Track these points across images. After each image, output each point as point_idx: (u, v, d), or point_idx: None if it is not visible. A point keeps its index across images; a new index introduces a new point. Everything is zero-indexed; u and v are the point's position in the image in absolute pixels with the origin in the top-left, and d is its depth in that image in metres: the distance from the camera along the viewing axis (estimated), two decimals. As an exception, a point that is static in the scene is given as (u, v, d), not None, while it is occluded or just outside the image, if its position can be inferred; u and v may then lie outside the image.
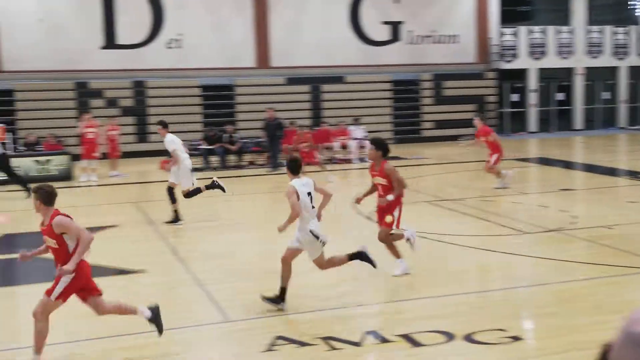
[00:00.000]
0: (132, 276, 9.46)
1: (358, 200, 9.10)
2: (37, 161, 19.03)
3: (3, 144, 16.90)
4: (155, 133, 24.52)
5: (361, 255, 8.00)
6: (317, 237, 7.65)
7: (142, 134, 24.88)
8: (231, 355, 6.65)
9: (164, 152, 21.74)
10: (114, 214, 13.99)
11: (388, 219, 8.72)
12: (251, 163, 21.26)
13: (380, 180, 8.69)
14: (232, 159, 21.51)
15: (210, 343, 7.01)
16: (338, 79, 27.12)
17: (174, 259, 10.15)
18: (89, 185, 18.44)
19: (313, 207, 7.75)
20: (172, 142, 12.72)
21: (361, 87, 27.15)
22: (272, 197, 16.30)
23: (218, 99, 26.07)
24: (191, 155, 21.42)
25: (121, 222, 12.97)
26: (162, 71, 25.25)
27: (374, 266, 8.05)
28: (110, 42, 24.97)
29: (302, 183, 7.75)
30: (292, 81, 26.65)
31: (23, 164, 18.81)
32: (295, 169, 7.83)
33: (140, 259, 10.17)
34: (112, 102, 24.65)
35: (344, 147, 22.16)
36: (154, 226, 12.49)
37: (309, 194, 7.72)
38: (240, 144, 21.50)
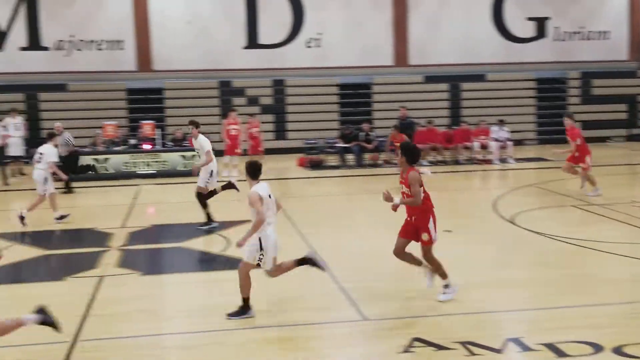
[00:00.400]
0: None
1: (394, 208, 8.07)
2: (183, 156, 19.89)
3: (67, 142, 17.97)
4: (294, 130, 25.14)
5: (307, 261, 7.86)
6: (261, 248, 7.41)
7: (280, 132, 25.41)
8: (369, 354, 6.58)
9: (302, 149, 22.25)
10: (253, 209, 14.31)
11: (425, 237, 7.82)
12: (387, 162, 21.11)
13: (405, 189, 7.80)
14: (368, 157, 21.48)
15: (347, 341, 6.97)
16: (479, 77, 26.42)
17: (312, 255, 10.21)
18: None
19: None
20: (207, 142, 12.56)
21: (503, 86, 26.31)
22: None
23: (355, 98, 26.15)
24: (327, 153, 21.85)
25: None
26: (301, 70, 25.68)
27: (323, 269, 7.96)
28: (252, 42, 25.71)
29: (264, 188, 7.52)
30: (431, 79, 26.26)
31: (170, 159, 19.74)
32: (255, 173, 7.56)
33: (277, 253, 10.31)
34: (252, 101, 25.36)
35: (484, 147, 21.54)
36: (292, 222, 12.66)
37: (270, 196, 7.52)
38: (377, 142, 21.41)
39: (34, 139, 23.56)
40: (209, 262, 10.33)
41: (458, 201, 15.34)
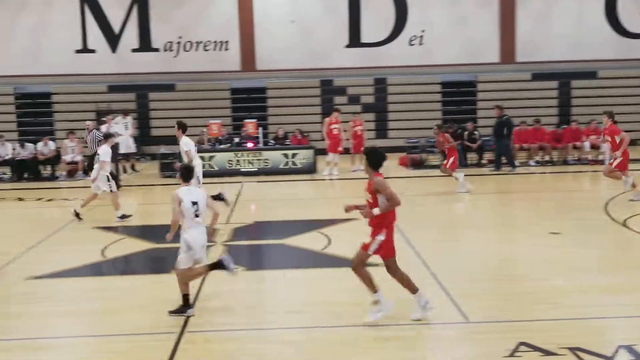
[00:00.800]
0: (369, 269, 9.53)
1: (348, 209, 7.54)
2: (284, 154, 20.13)
3: (95, 141, 18.51)
4: (395, 129, 24.98)
5: (220, 264, 7.82)
6: (189, 248, 7.55)
7: (382, 130, 25.30)
8: (473, 356, 6.41)
9: (403, 148, 22.03)
10: (354, 207, 14.30)
11: (366, 240, 7.24)
12: (491, 162, 20.61)
13: (367, 196, 7.21)
14: (472, 157, 21.05)
15: (451, 342, 6.83)
16: (590, 75, 25.36)
17: (414, 255, 10.08)
18: (331, 179, 19.10)
19: (197, 216, 7.60)
20: (186, 144, 12.88)
21: (616, 83, 25.16)
22: (504, 198, 15.71)
23: (459, 96, 25.70)
24: (429, 152, 21.54)
25: (361, 216, 13.16)
26: (403, 68, 25.48)
27: (232, 273, 7.84)
28: (354, 40, 25.73)
29: (188, 191, 7.68)
30: (539, 77, 25.43)
31: (272, 157, 20.02)
32: (186, 176, 7.84)
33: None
34: (354, 99, 25.38)
35: (595, 147, 20.64)
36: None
37: (194, 203, 7.59)
38: (481, 142, 20.93)
39: (144, 137, 24.63)
40: (310, 259, 10.38)
41: (567, 202, 14.78)
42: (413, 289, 7.29)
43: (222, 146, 20.66)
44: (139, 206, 16.80)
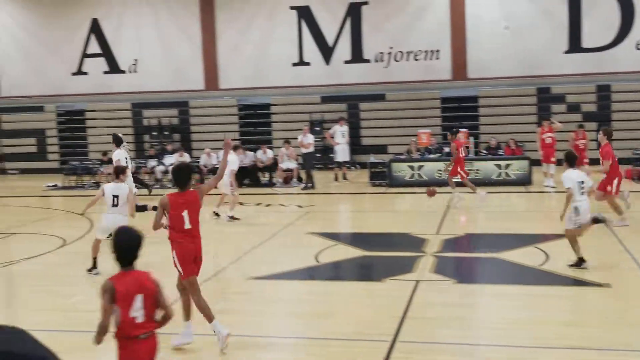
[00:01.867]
0: (591, 289, 8.85)
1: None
2: (497, 165, 19.47)
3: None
4: (620, 139, 23.03)
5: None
6: (106, 228, 9.84)
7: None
8: None
9: (630, 160, 20.31)
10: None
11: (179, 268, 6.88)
12: None
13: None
14: None
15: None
16: None
17: (637, 268, 9.20)
18: (544, 192, 18.13)
19: (115, 205, 9.92)
20: (117, 155, 13.56)
21: None
22: None
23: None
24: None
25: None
26: (630, 74, 23.59)
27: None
28: (574, 45, 24.28)
29: (115, 186, 10.01)
30: None
31: (483, 168, 19.44)
32: (116, 174, 10.21)
33: (603, 273, 9.47)
34: (573, 107, 23.95)
35: None
36: (620, 240, 11.56)
37: (115, 196, 9.92)
38: None
39: (355, 146, 25.13)
40: (525, 275, 9.84)
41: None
42: (209, 318, 6.88)
43: (431, 156, 20.48)
44: (350, 214, 17.14)
